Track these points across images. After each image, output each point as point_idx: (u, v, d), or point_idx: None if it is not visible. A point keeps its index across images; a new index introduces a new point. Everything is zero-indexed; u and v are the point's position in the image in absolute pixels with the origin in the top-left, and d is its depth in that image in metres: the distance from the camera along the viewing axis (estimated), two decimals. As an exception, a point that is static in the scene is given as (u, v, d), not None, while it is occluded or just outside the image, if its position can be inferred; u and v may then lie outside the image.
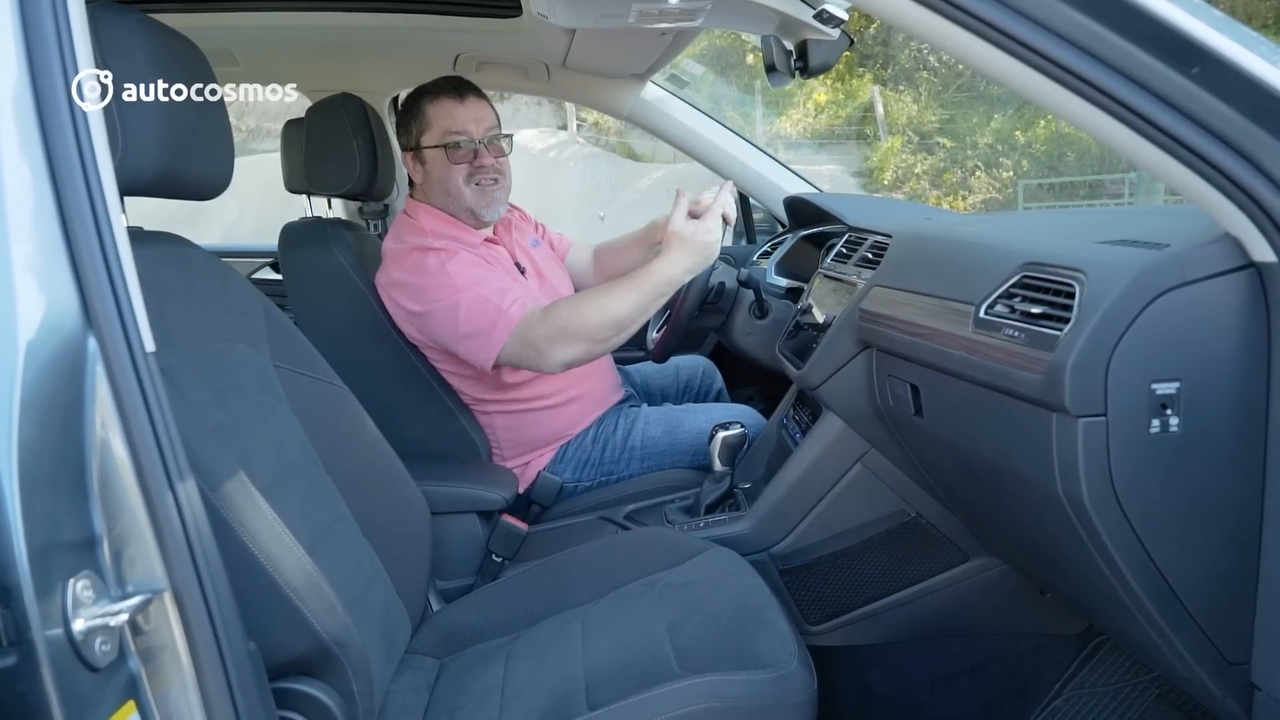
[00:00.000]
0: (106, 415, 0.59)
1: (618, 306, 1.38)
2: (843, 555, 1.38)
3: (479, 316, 1.44)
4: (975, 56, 0.74)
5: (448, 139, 1.56)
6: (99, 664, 0.56)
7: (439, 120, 1.57)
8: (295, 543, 0.84)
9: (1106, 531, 0.79)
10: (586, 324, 1.39)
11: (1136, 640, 0.91)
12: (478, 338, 1.45)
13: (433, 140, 1.58)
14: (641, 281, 1.38)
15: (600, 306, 1.39)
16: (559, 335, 1.40)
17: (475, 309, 1.44)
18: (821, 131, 13.10)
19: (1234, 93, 0.69)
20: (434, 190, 1.61)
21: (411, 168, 1.63)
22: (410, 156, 1.62)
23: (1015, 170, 11.83)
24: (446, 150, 1.56)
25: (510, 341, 1.43)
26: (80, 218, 0.59)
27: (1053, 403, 0.78)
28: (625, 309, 1.38)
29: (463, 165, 1.57)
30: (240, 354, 1.00)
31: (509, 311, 1.44)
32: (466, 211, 1.60)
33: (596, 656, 1.04)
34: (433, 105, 1.58)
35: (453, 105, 1.57)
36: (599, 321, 1.39)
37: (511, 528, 1.48)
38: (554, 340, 1.41)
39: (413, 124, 1.60)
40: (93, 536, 0.58)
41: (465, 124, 1.57)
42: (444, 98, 1.58)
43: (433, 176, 1.60)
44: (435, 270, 1.48)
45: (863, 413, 1.28)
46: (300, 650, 0.82)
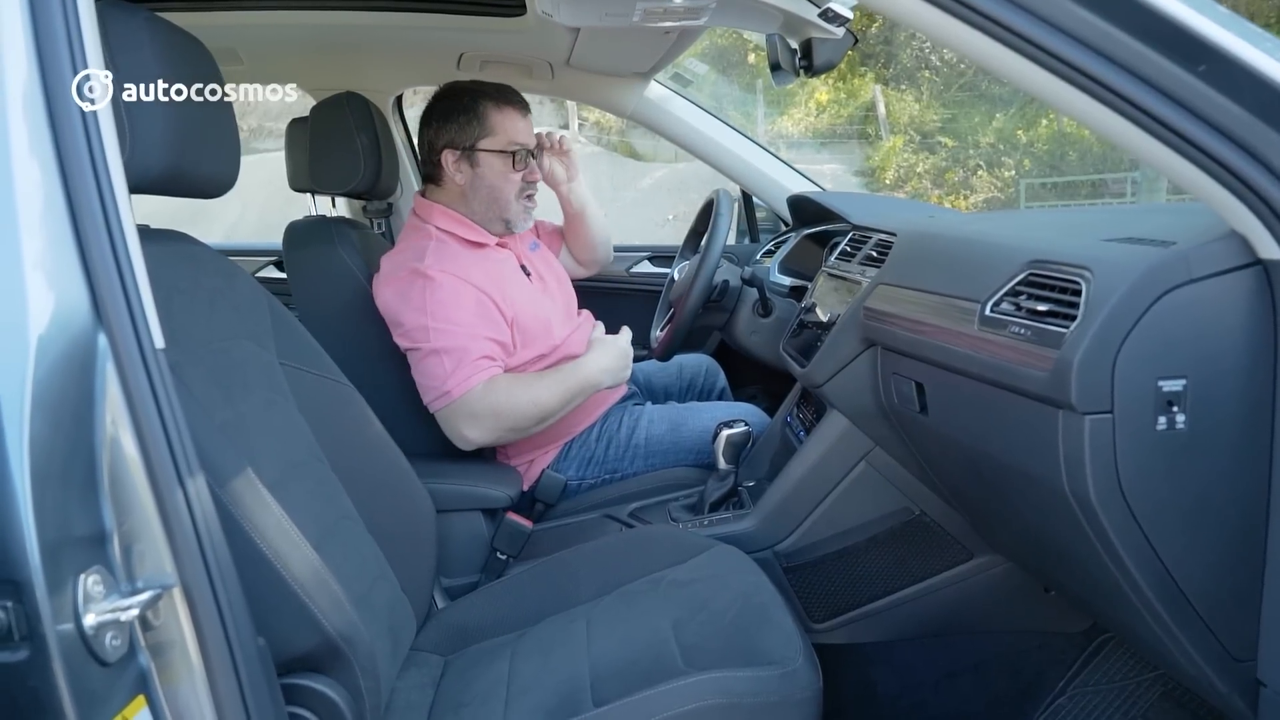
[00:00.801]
0: (117, 412, 0.59)
1: (547, 399, 1.48)
2: (847, 553, 1.38)
3: (434, 370, 1.46)
4: (983, 54, 0.74)
5: (513, 147, 1.59)
6: (109, 659, 0.57)
7: (505, 128, 1.59)
8: (303, 539, 0.84)
9: (1113, 529, 0.79)
10: (517, 412, 1.47)
11: (1141, 638, 0.91)
12: (427, 380, 1.48)
13: (496, 145, 1.59)
14: (568, 378, 1.51)
15: (532, 398, 1.48)
16: (488, 416, 1.46)
17: (429, 361, 1.47)
18: (823, 130, 13.09)
19: (1241, 90, 0.69)
20: (477, 195, 1.61)
21: (453, 167, 1.60)
22: (455, 156, 1.59)
23: (1017, 169, 11.82)
24: (513, 158, 1.59)
25: (447, 408, 1.47)
26: (90, 215, 0.59)
27: (1059, 400, 0.78)
28: (553, 403, 1.49)
29: (519, 175, 1.61)
30: (247, 351, 1.00)
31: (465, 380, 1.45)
32: (502, 220, 1.63)
33: (601, 653, 1.04)
34: (499, 112, 1.59)
35: (518, 117, 1.61)
36: (529, 412, 1.47)
37: (516, 525, 1.48)
38: (478, 420, 1.46)
39: (471, 125, 1.58)
40: (103, 532, 0.59)
41: (527, 136, 1.62)
42: (510, 108, 1.60)
43: (484, 182, 1.60)
44: (417, 298, 1.48)
45: (867, 411, 1.28)
46: (308, 646, 0.82)
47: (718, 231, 1.65)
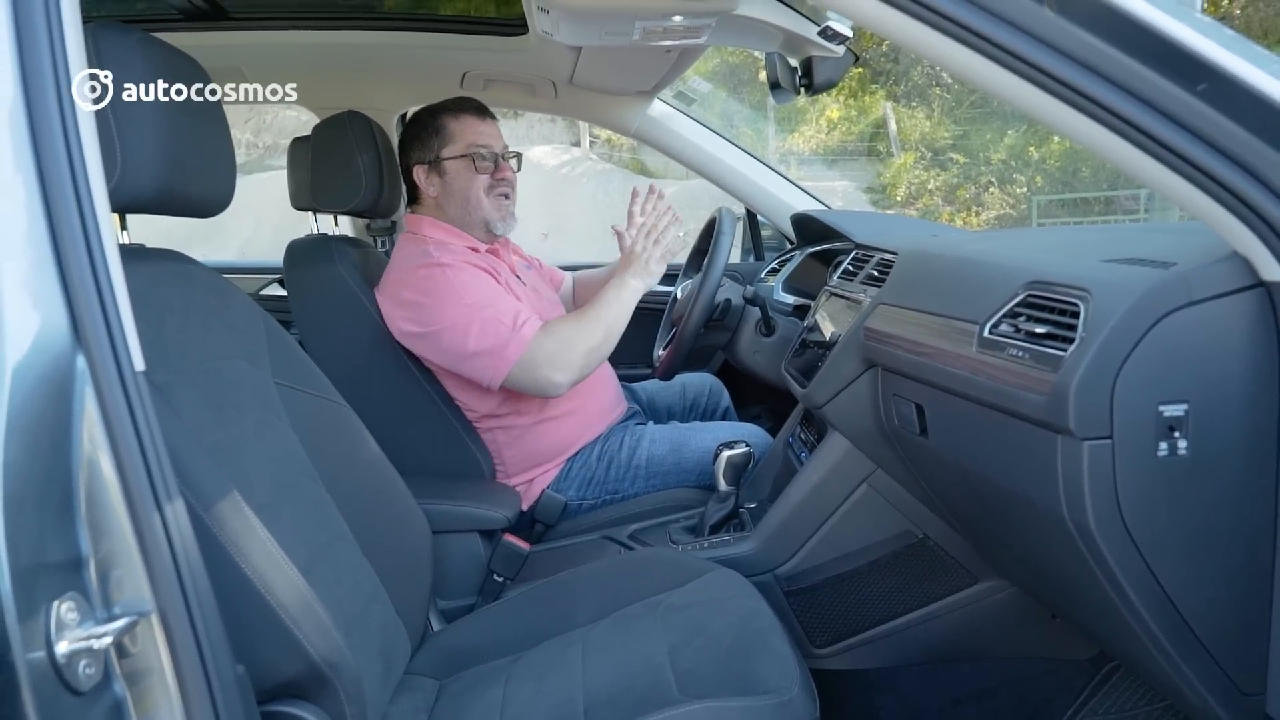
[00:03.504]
0: (95, 435, 0.58)
1: (591, 330, 1.52)
2: (849, 577, 1.36)
3: (491, 335, 1.47)
4: (980, 75, 0.73)
5: (473, 149, 1.63)
6: (82, 687, 0.55)
7: (463, 133, 1.64)
8: (289, 563, 0.83)
9: (1114, 557, 0.77)
10: (575, 347, 1.50)
11: (1148, 668, 0.89)
12: (487, 356, 1.47)
13: (456, 151, 1.63)
14: (606, 300, 1.55)
15: (581, 329, 1.51)
16: (551, 359, 1.48)
17: (488, 329, 1.47)
18: (834, 148, 13.10)
19: (1241, 110, 0.67)
20: (451, 202, 1.65)
21: (425, 181, 1.67)
22: (424, 170, 1.66)
23: (1029, 186, 11.77)
24: (474, 160, 1.62)
25: (520, 361, 1.47)
26: (71, 235, 0.58)
27: (1057, 424, 0.77)
28: (599, 330, 1.52)
29: (485, 176, 1.64)
30: (241, 371, 0.99)
31: (521, 331, 1.48)
32: (482, 223, 1.65)
33: (596, 679, 1.02)
34: (455, 120, 1.65)
35: (476, 121, 1.66)
36: (593, 332, 1.51)
37: (513, 547, 1.47)
38: (548, 364, 1.48)
39: (432, 138, 1.65)
40: (79, 558, 0.58)
41: (489, 138, 1.65)
42: (466, 114, 1.65)
43: (453, 188, 1.64)
44: (444, 288, 1.50)
45: (868, 432, 1.26)
46: (292, 672, 0.81)
47: (719, 250, 1.64)
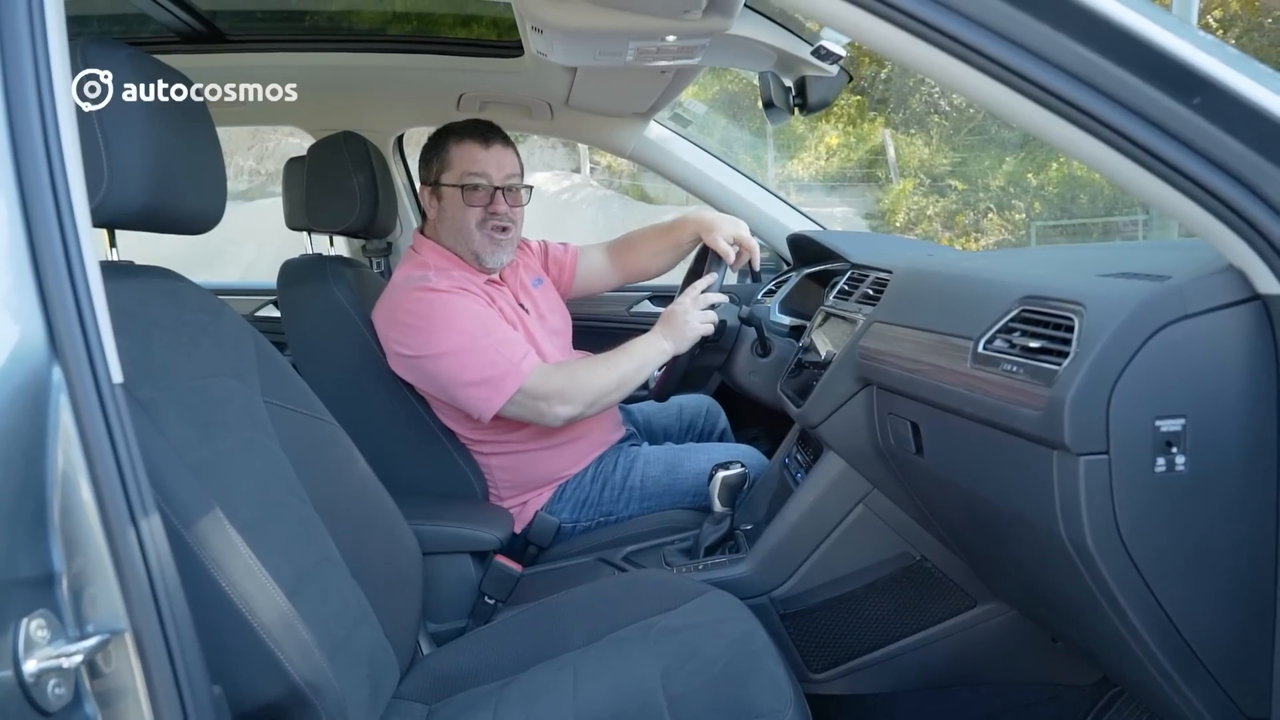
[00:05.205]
0: (70, 447, 0.57)
1: (606, 376, 1.52)
2: (846, 599, 1.34)
3: (489, 366, 1.46)
4: (975, 90, 0.72)
5: (466, 180, 1.58)
6: (51, 708, 0.54)
7: (460, 161, 1.59)
8: (272, 583, 0.81)
9: (1112, 576, 0.75)
10: (585, 388, 1.50)
11: (1150, 692, 0.87)
12: (484, 387, 1.46)
13: (452, 179, 1.60)
14: (631, 351, 1.55)
15: (595, 373, 1.52)
16: (560, 394, 1.48)
17: (486, 359, 1.46)
18: (833, 174, 13.17)
19: (1236, 123, 0.67)
20: (445, 228, 1.62)
21: (427, 202, 1.65)
22: (428, 191, 1.64)
23: (1028, 212, 11.82)
24: (464, 191, 1.58)
25: (517, 395, 1.47)
26: (50, 245, 0.58)
27: (1053, 440, 0.75)
28: (613, 378, 1.52)
29: (477, 209, 1.59)
30: (229, 389, 0.98)
31: (520, 365, 1.47)
32: (472, 254, 1.61)
33: (587, 705, 1.00)
34: (457, 145, 1.60)
35: (476, 148, 1.60)
36: (597, 386, 1.51)
37: (505, 569, 1.45)
38: (555, 397, 1.48)
39: (434, 160, 1.63)
40: (51, 574, 0.56)
41: (486, 167, 1.59)
42: (469, 140, 1.60)
43: (447, 214, 1.61)
44: (442, 314, 1.48)
45: (864, 452, 1.25)
46: (273, 695, 0.79)
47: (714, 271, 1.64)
